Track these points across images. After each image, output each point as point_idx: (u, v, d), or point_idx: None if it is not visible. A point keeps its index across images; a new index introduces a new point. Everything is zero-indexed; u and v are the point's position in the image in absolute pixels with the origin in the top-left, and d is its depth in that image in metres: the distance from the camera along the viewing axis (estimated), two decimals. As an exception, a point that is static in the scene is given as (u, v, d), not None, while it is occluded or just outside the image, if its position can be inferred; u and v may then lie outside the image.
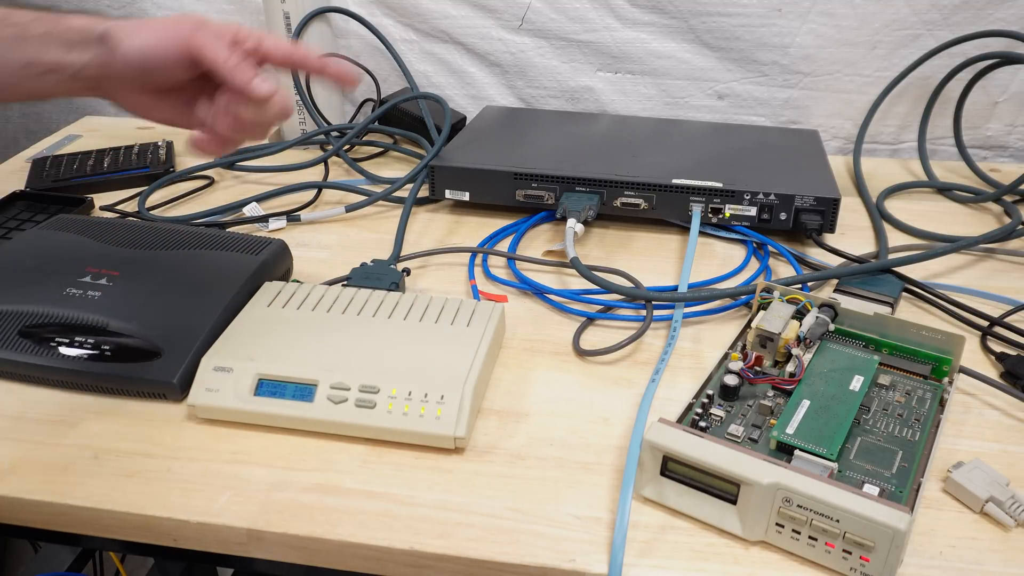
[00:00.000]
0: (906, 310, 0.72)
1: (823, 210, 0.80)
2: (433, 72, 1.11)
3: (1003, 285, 0.75)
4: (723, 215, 0.82)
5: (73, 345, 0.61)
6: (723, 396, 0.57)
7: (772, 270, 0.79)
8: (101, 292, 0.65)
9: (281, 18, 1.01)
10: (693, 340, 0.68)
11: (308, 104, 1.04)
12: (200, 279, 0.68)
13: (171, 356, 0.61)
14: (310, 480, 0.54)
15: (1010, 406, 0.61)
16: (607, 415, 0.60)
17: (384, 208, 0.90)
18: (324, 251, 0.82)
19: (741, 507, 0.49)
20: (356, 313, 0.65)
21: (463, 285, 0.76)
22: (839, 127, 1.06)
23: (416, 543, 0.50)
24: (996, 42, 0.96)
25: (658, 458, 0.51)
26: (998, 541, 0.50)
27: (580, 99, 1.10)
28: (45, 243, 0.72)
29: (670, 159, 0.88)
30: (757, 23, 1.01)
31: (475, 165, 0.86)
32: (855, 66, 1.02)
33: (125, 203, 0.91)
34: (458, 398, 0.56)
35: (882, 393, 0.58)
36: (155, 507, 0.52)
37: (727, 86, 1.06)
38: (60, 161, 0.98)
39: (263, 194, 0.91)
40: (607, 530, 0.50)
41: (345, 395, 0.57)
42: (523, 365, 0.66)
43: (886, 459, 0.52)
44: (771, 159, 0.89)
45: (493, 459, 0.56)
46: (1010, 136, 1.04)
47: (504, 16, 1.06)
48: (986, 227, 0.87)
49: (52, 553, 1.06)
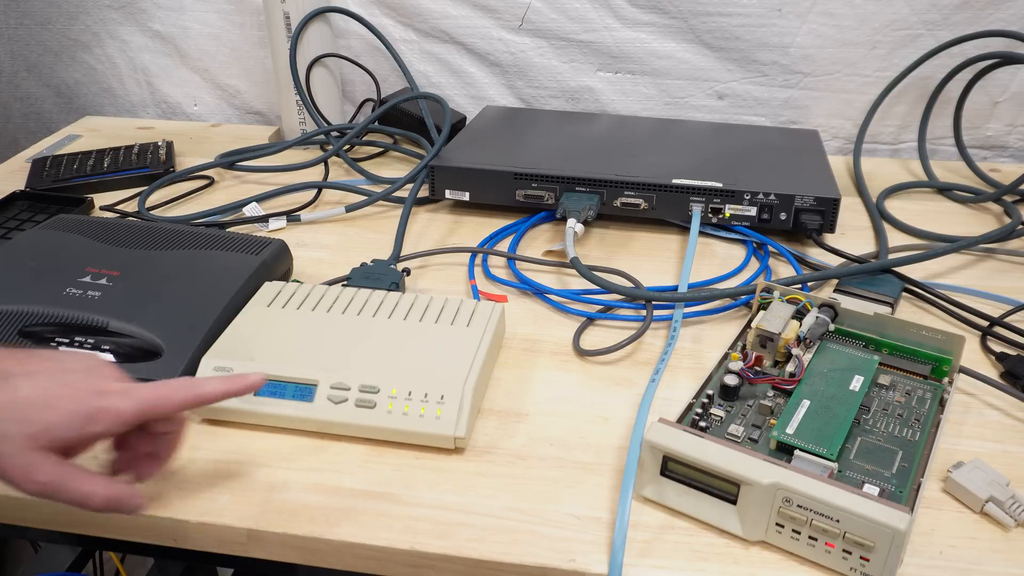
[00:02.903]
0: (906, 310, 0.72)
1: (823, 210, 0.80)
2: (433, 72, 1.11)
3: (1003, 285, 0.75)
4: (723, 215, 0.82)
5: (73, 345, 0.61)
6: (723, 396, 0.57)
7: (772, 270, 0.79)
8: (101, 292, 0.65)
9: (281, 18, 1.01)
10: (693, 340, 0.68)
11: (308, 104, 1.04)
12: (200, 279, 0.68)
13: (171, 356, 0.61)
14: (310, 480, 0.54)
15: (1010, 406, 0.61)
16: (607, 415, 0.60)
17: (384, 208, 0.90)
18: (324, 251, 0.82)
19: (741, 507, 0.49)
20: (356, 313, 0.65)
21: (463, 285, 0.76)
22: (839, 127, 1.06)
23: (416, 543, 0.50)
24: (996, 42, 0.96)
25: (658, 458, 0.51)
26: (998, 541, 0.50)
27: (580, 99, 1.10)
28: (45, 243, 0.72)
29: (670, 159, 0.88)
30: (757, 23, 1.01)
31: (475, 165, 0.86)
32: (855, 66, 1.02)
33: (125, 203, 0.91)
34: (458, 398, 0.56)
35: (882, 393, 0.58)
36: (155, 507, 0.52)
37: (727, 86, 1.06)
38: (60, 161, 0.98)
39: (263, 194, 0.91)
40: (607, 530, 0.50)
41: (345, 395, 0.57)
42: (523, 365, 0.66)
43: (886, 459, 0.52)
44: (771, 159, 0.89)
45: (493, 459, 0.56)
46: (1010, 136, 1.04)
47: (504, 16, 1.06)
48: (986, 227, 0.87)
49: (52, 553, 1.06)
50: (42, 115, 1.25)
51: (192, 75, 1.18)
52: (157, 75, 1.18)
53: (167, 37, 1.15)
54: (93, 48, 1.18)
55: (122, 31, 1.16)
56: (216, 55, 1.16)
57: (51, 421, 0.45)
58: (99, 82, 1.20)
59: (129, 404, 0.46)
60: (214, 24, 1.14)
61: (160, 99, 1.20)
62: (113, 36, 1.17)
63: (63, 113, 1.24)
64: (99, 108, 1.23)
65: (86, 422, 0.45)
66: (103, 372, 0.48)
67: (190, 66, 1.17)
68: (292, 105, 1.06)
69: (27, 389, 0.45)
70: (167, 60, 1.17)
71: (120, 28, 1.16)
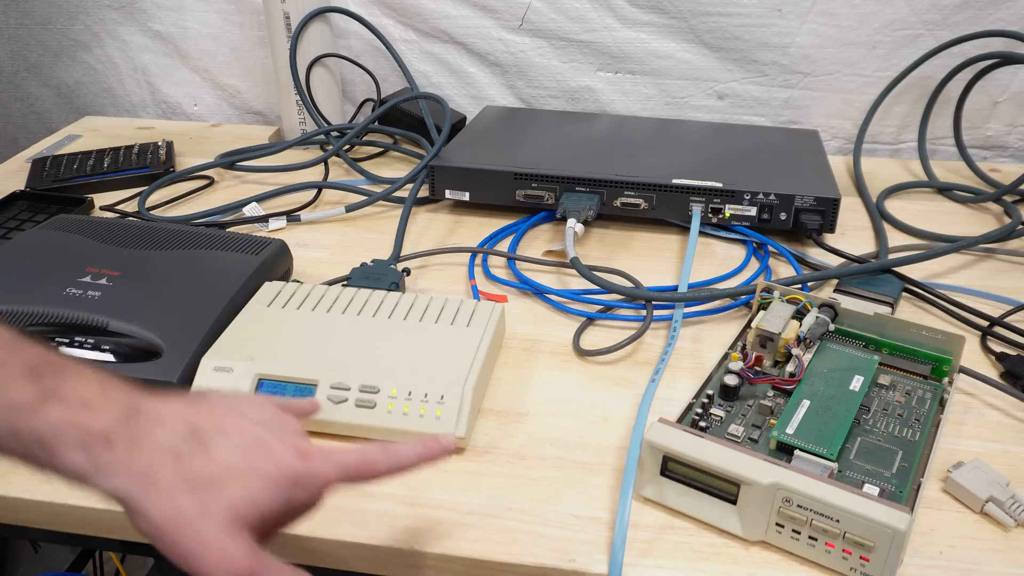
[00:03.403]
0: (906, 310, 0.72)
1: (823, 210, 0.80)
2: (433, 72, 1.11)
3: (1003, 285, 0.75)
4: (723, 215, 0.82)
5: (73, 345, 0.61)
6: (723, 396, 0.57)
7: (772, 270, 0.79)
8: (101, 292, 0.65)
9: (281, 18, 1.01)
10: (693, 340, 0.68)
11: (308, 104, 1.04)
12: (200, 279, 0.68)
13: (171, 356, 0.61)
14: (310, 480, 0.54)
15: (1010, 406, 0.61)
16: (607, 415, 0.60)
17: (384, 208, 0.90)
18: (324, 251, 0.82)
19: (741, 507, 0.49)
20: (356, 313, 0.65)
21: (463, 285, 0.76)
22: (839, 127, 1.06)
23: (416, 543, 0.50)
24: (996, 42, 0.96)
25: (658, 458, 0.51)
26: (998, 541, 0.50)
27: (580, 99, 1.10)
28: (45, 243, 0.72)
29: (670, 159, 0.88)
30: (757, 23, 1.01)
31: (475, 165, 0.86)
32: (855, 66, 1.02)
33: (125, 203, 0.91)
34: (458, 398, 0.56)
35: (882, 393, 0.58)
36: (155, 507, 0.52)
37: (727, 86, 1.06)
38: (60, 161, 0.98)
39: (263, 194, 0.91)
40: (607, 530, 0.50)
41: (345, 395, 0.57)
42: (523, 365, 0.66)
43: (886, 459, 0.52)
44: (771, 159, 0.89)
45: (493, 459, 0.56)
46: (1010, 136, 1.04)
47: (504, 16, 1.06)
48: (986, 227, 0.87)
49: (52, 553, 1.06)
50: (42, 115, 1.25)
51: (192, 75, 1.18)
52: (157, 75, 1.18)
53: (167, 37, 1.15)
54: (93, 48, 1.18)
55: (122, 31, 1.16)
56: (216, 55, 1.16)
57: (255, 491, 0.38)
58: (99, 82, 1.20)
59: (333, 470, 0.41)
60: (214, 24, 1.14)
61: (160, 99, 1.20)
62: (113, 36, 1.17)
63: (63, 113, 1.24)
64: (99, 108, 1.23)
65: (291, 489, 0.39)
66: (290, 426, 0.43)
67: (190, 66, 1.17)
68: (292, 105, 1.06)
69: (226, 452, 0.39)
70: (167, 60, 1.17)
71: (120, 28, 1.16)
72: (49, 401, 0.37)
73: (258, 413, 0.42)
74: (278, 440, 0.40)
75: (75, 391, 0.38)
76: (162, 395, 0.41)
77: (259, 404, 0.43)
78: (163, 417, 0.39)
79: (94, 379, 0.39)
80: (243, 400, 0.44)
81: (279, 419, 0.43)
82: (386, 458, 0.43)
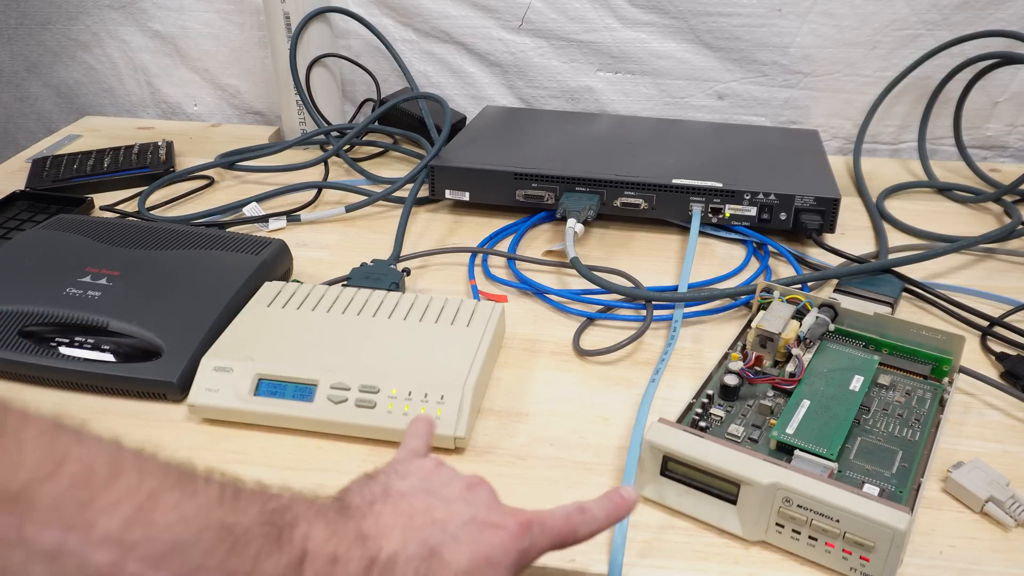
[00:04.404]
0: (906, 310, 0.72)
1: (823, 210, 0.80)
2: (433, 72, 1.11)
3: (1003, 285, 0.75)
4: (723, 215, 0.82)
5: (73, 345, 0.61)
6: (723, 396, 0.57)
7: (772, 270, 0.79)
8: (101, 292, 0.65)
9: (281, 18, 1.01)
10: (693, 340, 0.68)
11: (308, 104, 1.04)
12: (200, 279, 0.68)
13: (171, 356, 0.61)
14: (310, 480, 0.54)
15: (1010, 406, 0.61)
16: (607, 415, 0.60)
17: (384, 208, 0.90)
18: (324, 251, 0.82)
19: (741, 507, 0.49)
20: (356, 313, 0.65)
21: (463, 285, 0.76)
22: (839, 127, 1.06)
23: (416, 543, 0.50)
24: (996, 42, 0.96)
25: (658, 458, 0.51)
26: (998, 541, 0.50)
27: (580, 99, 1.10)
28: (45, 243, 0.72)
29: (670, 159, 0.88)
30: (757, 23, 1.01)
31: (475, 165, 0.86)
32: (855, 66, 1.02)
33: (125, 203, 0.91)
34: (458, 398, 0.56)
35: (882, 393, 0.58)
36: (155, 507, 0.52)
37: (727, 86, 1.06)
38: (60, 161, 0.98)
39: (263, 194, 0.91)
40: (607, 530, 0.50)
41: (345, 395, 0.57)
42: (523, 365, 0.66)
43: (886, 459, 0.52)
44: (771, 159, 0.89)
45: (493, 459, 0.56)
46: (1010, 136, 1.04)
47: (504, 16, 1.06)
48: (986, 227, 0.87)
49: (52, 553, 1.06)
50: (42, 115, 1.25)
51: (192, 75, 1.18)
52: (157, 75, 1.18)
53: (167, 37, 1.15)
54: (93, 48, 1.18)
55: (122, 31, 1.16)
56: (216, 55, 1.16)
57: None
58: (99, 82, 1.20)
59: (547, 542, 0.39)
60: (214, 24, 1.13)
61: (160, 99, 1.20)
62: (113, 36, 1.17)
63: (63, 113, 1.24)
64: (99, 108, 1.22)
65: (519, 567, 0.38)
66: (483, 495, 0.41)
67: (190, 66, 1.17)
68: (292, 105, 1.06)
69: (456, 556, 0.36)
70: (167, 60, 1.17)
71: (120, 28, 1.16)
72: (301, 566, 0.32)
73: (447, 489, 0.40)
74: (492, 517, 0.39)
75: (313, 542, 0.33)
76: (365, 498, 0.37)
77: (435, 472, 0.41)
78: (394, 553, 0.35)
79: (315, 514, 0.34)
80: (422, 477, 0.40)
81: (474, 489, 0.40)
82: (589, 525, 0.41)
